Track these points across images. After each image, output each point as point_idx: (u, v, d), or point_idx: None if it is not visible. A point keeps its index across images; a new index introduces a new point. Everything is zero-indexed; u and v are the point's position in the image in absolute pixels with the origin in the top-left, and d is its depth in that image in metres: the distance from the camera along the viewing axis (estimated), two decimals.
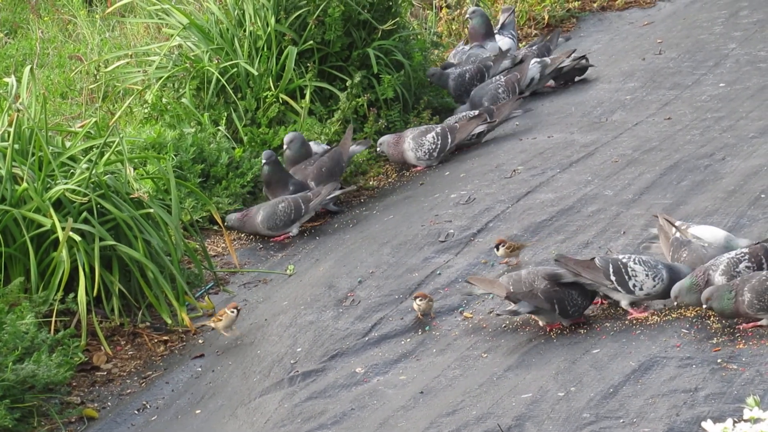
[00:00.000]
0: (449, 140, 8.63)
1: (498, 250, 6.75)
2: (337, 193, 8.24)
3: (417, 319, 6.46)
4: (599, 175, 7.82)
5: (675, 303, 5.97)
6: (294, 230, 8.08)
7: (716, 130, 8.34)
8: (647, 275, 6.02)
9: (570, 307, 6.05)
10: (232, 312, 6.75)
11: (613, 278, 6.01)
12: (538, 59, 9.70)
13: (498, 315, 6.25)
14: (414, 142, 8.63)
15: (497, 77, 9.53)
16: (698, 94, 9.11)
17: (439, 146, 8.61)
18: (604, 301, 6.19)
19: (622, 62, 10.06)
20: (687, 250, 6.24)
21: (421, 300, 6.44)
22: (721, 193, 7.29)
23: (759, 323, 5.76)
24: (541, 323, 6.15)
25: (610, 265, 6.03)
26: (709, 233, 6.33)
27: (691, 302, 5.95)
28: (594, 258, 6.13)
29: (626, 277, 6.02)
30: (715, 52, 9.97)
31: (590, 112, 9.09)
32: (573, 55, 9.74)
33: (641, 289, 6.00)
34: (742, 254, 5.98)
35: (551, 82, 9.83)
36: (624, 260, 6.06)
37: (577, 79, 9.83)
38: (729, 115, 8.59)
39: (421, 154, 8.63)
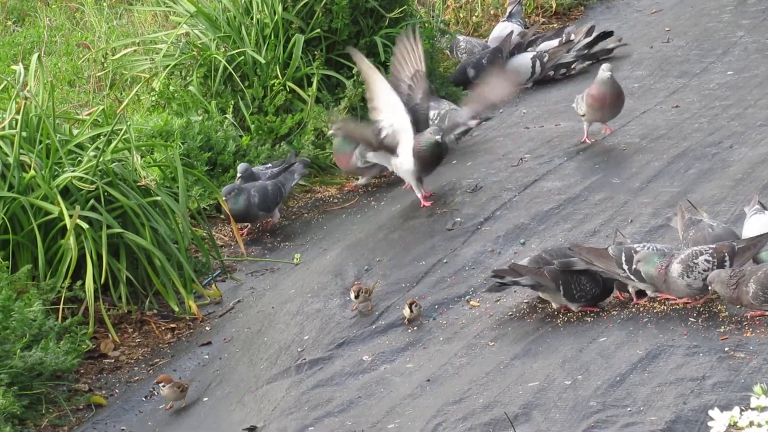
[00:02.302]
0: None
1: (356, 297, 6.50)
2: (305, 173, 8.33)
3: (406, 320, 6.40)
4: (606, 163, 7.81)
5: (634, 266, 5.95)
6: (277, 215, 8.08)
7: (724, 118, 8.32)
8: None
9: (576, 291, 6.05)
10: (164, 386, 6.29)
11: (625, 267, 6.00)
12: (533, 52, 9.80)
13: (500, 284, 6.19)
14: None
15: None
16: (706, 82, 9.10)
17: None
18: (621, 296, 6.16)
19: (630, 50, 10.05)
20: (695, 229, 6.24)
21: (415, 306, 6.35)
22: (728, 181, 7.28)
23: (766, 312, 5.75)
24: (554, 305, 6.15)
25: (623, 254, 6.02)
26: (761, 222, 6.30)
27: (646, 273, 5.92)
28: (608, 247, 6.12)
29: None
30: (723, 40, 9.95)
31: None
32: (578, 46, 9.79)
33: None
34: (708, 248, 5.95)
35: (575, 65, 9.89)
36: (637, 248, 6.05)
37: (602, 58, 9.86)
38: (737, 103, 8.57)
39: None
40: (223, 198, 7.79)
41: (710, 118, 8.36)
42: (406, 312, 6.33)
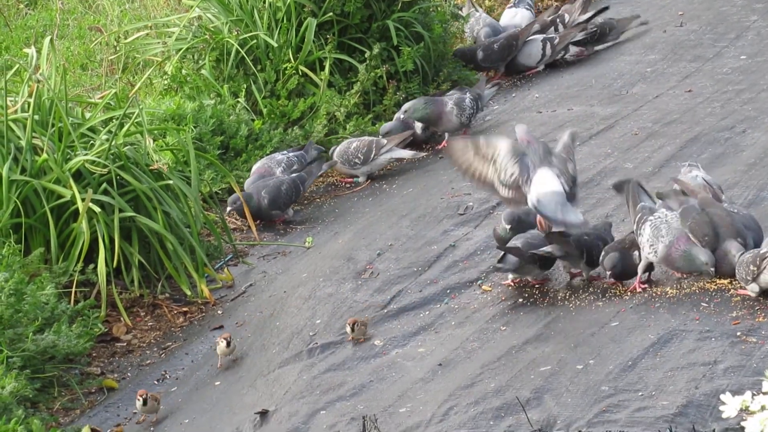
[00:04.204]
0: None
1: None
2: (326, 168, 8.28)
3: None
4: (619, 148, 7.79)
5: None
6: (290, 212, 8.04)
7: (737, 102, 8.30)
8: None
9: (597, 256, 6.16)
10: (138, 400, 6.18)
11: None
12: (544, 35, 9.79)
13: (533, 254, 6.18)
14: (457, 108, 8.56)
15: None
16: (719, 67, 9.07)
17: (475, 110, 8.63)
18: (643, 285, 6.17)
19: (642, 34, 10.02)
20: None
21: (354, 326, 6.19)
22: (741, 165, 7.27)
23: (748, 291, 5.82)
24: (573, 270, 6.25)
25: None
26: None
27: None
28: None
29: None
30: (736, 24, 9.92)
31: (610, 84, 9.07)
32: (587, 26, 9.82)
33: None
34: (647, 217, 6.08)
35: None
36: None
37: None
38: (750, 87, 8.55)
39: (464, 118, 8.58)
40: (227, 209, 7.76)
41: (723, 102, 8.33)
42: (348, 330, 6.20)
